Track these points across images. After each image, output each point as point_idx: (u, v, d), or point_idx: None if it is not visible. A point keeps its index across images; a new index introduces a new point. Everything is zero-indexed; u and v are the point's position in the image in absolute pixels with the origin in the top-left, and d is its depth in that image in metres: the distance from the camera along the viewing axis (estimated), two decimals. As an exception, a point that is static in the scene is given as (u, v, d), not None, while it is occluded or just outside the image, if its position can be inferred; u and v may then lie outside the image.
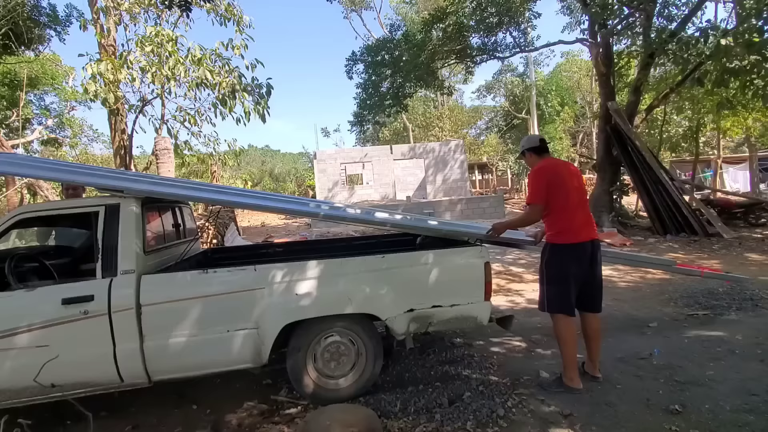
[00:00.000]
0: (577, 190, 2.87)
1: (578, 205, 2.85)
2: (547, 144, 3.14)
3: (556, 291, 2.81)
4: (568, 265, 2.77)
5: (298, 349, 2.70)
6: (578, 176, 2.95)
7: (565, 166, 2.97)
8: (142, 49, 6.93)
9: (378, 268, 2.79)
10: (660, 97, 11.23)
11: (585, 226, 2.85)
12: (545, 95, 27.58)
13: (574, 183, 2.88)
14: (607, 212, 10.88)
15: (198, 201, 3.03)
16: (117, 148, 8.39)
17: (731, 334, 3.58)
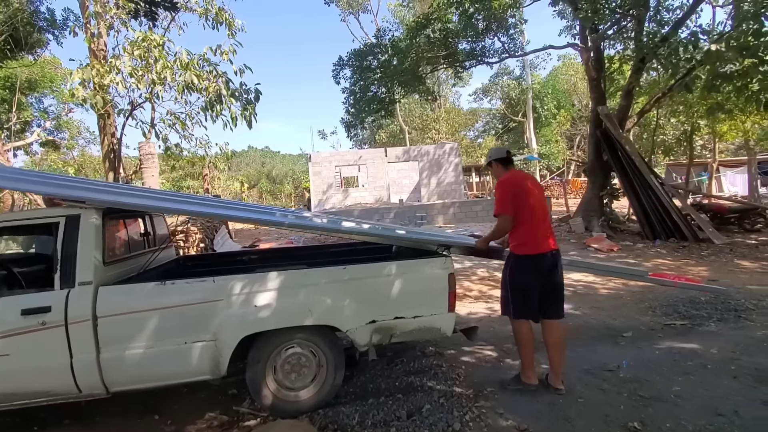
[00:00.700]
0: (540, 204, 2.98)
1: (541, 218, 2.95)
2: (512, 156, 3.27)
3: (518, 299, 2.93)
4: (530, 275, 2.89)
5: (257, 361, 2.69)
6: (541, 190, 3.06)
7: (530, 180, 3.07)
8: (131, 54, 6.94)
9: (340, 279, 2.78)
10: (652, 101, 11.23)
11: (547, 237, 2.95)
12: (542, 98, 27.63)
13: (538, 196, 2.99)
14: (597, 216, 10.87)
15: (160, 211, 3.02)
16: (106, 151, 8.39)
17: (706, 347, 3.56)
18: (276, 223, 2.91)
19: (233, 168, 50.25)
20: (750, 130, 13.74)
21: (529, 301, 2.90)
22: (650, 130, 13.67)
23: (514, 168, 3.18)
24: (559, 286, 2.96)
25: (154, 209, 2.70)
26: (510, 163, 3.17)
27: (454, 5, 8.94)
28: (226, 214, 2.87)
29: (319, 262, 3.82)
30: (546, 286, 2.90)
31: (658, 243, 9.22)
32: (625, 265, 7.30)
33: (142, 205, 2.66)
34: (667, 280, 3.98)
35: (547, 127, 29.67)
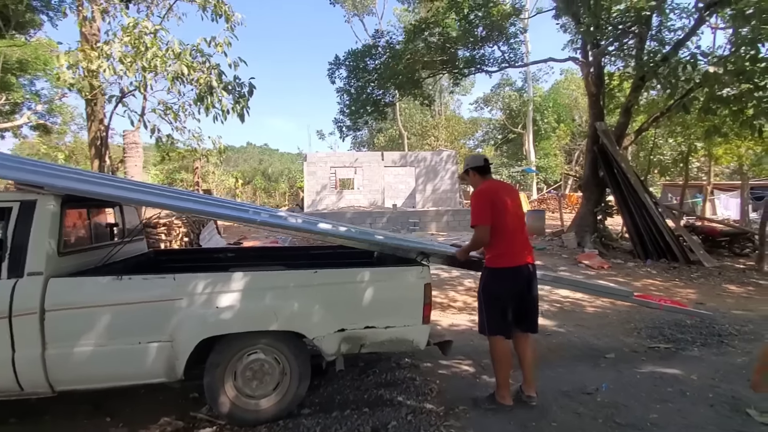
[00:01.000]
0: (516, 214, 2.88)
1: (517, 228, 2.85)
2: (491, 165, 3.16)
3: (494, 314, 2.81)
4: (506, 289, 2.80)
5: (216, 366, 2.54)
6: (517, 200, 2.96)
7: (506, 189, 2.97)
8: (121, 40, 6.80)
9: (309, 284, 2.64)
10: (650, 120, 11.19)
11: (523, 249, 2.85)
12: (542, 111, 27.69)
13: (513, 207, 2.88)
14: (590, 233, 10.78)
15: (124, 201, 2.87)
16: (93, 138, 8.22)
17: (687, 373, 3.44)
18: (247, 220, 2.77)
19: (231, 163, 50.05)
20: (744, 155, 13.76)
21: (506, 316, 2.80)
22: (647, 149, 13.66)
23: (491, 177, 3.06)
24: (535, 300, 2.89)
25: (110, 197, 2.54)
26: (487, 172, 3.03)
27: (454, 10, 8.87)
28: (188, 207, 2.72)
29: (299, 264, 3.69)
30: (522, 300, 2.81)
31: (650, 263, 9.14)
32: (614, 283, 7.21)
33: (99, 193, 2.50)
34: (652, 302, 3.87)
35: (546, 141, 29.73)
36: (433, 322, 5.00)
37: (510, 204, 2.84)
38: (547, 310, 5.51)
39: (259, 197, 25.33)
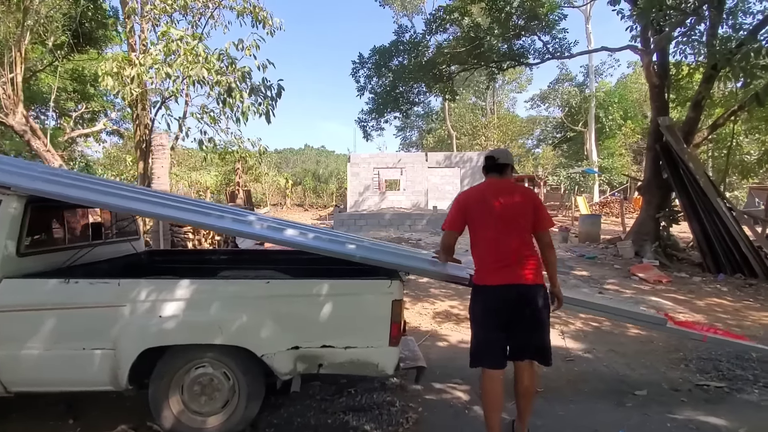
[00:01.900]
0: (507, 221, 2.36)
1: (503, 239, 2.35)
2: (497, 162, 2.52)
3: (476, 341, 2.40)
4: (484, 311, 2.36)
5: (160, 377, 2.39)
6: (515, 204, 2.38)
7: (500, 191, 2.43)
8: (153, 48, 7.13)
9: (260, 295, 2.41)
10: (726, 114, 9.74)
11: (511, 265, 2.32)
12: (606, 107, 25.53)
13: (508, 212, 2.36)
14: (651, 241, 9.59)
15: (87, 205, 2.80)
16: (138, 141, 8.72)
17: (736, 425, 2.74)
18: (206, 225, 2.59)
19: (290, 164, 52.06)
20: None
21: (490, 344, 2.33)
22: (725, 147, 11.95)
23: (494, 176, 2.53)
24: (537, 326, 2.33)
25: (82, 202, 2.48)
26: (491, 171, 2.53)
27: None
28: (137, 208, 2.59)
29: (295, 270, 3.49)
30: (515, 328, 2.31)
31: (722, 278, 7.90)
32: (671, 301, 6.27)
33: (70, 197, 2.45)
34: (694, 332, 3.16)
35: (611, 139, 27.44)
36: (441, 335, 4.63)
37: (498, 208, 2.35)
38: (578, 329, 4.87)
39: (308, 197, 25.94)
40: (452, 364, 3.78)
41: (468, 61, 9.28)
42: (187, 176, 25.04)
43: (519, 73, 28.93)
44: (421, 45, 9.53)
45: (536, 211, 2.37)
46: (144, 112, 8.88)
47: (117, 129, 20.32)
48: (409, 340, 3.12)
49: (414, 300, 5.98)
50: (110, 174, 20.28)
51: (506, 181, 2.51)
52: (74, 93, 17.25)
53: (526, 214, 2.36)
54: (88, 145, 20.13)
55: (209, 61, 6.74)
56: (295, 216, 21.94)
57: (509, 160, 2.55)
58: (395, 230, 14.56)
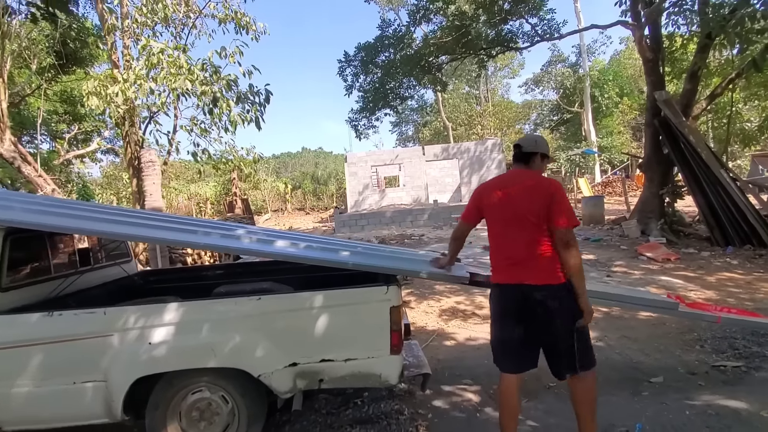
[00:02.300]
0: (508, 217, 2.20)
1: (506, 235, 2.22)
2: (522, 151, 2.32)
3: (493, 342, 2.32)
4: (495, 310, 2.30)
5: (156, 406, 2.30)
6: (520, 197, 2.18)
7: (510, 184, 2.25)
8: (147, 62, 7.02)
9: (251, 313, 2.31)
10: (724, 83, 9.54)
11: (513, 264, 2.19)
12: (601, 86, 25.24)
13: (511, 206, 2.19)
14: (656, 219, 9.44)
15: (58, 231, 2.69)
16: (129, 159, 8.64)
17: (756, 407, 2.63)
18: (186, 243, 2.50)
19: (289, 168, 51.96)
20: None
21: (504, 345, 2.23)
22: (724, 116, 11.74)
23: (520, 166, 2.33)
24: (548, 329, 2.13)
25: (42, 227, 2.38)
26: (517, 161, 2.35)
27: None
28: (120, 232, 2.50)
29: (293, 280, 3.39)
30: (531, 328, 2.15)
31: (730, 251, 7.75)
32: (682, 279, 6.14)
33: (32, 223, 2.36)
34: (707, 313, 3.04)
35: (608, 118, 27.14)
36: (449, 334, 4.52)
37: (508, 201, 2.19)
38: (588, 316, 4.75)
39: (308, 200, 25.86)
40: (461, 363, 3.69)
41: (456, 50, 9.10)
42: (186, 189, 25.03)
43: (511, 58, 28.68)
44: (406, 37, 9.38)
45: (552, 205, 2.09)
46: (133, 129, 8.80)
47: (112, 147, 20.28)
48: (413, 345, 3.02)
49: (419, 298, 5.89)
50: (108, 193, 20.24)
51: (528, 172, 2.29)
52: (65, 114, 17.21)
53: (539, 208, 2.11)
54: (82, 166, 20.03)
55: (192, 72, 6.63)
56: (297, 220, 21.88)
57: (538, 148, 2.31)
58: (397, 227, 14.46)
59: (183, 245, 2.45)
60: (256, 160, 11.02)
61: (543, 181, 2.22)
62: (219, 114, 6.56)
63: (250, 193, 24.65)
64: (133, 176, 8.59)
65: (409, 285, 6.52)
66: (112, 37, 8.24)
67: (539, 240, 2.13)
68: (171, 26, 9.87)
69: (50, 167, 18.20)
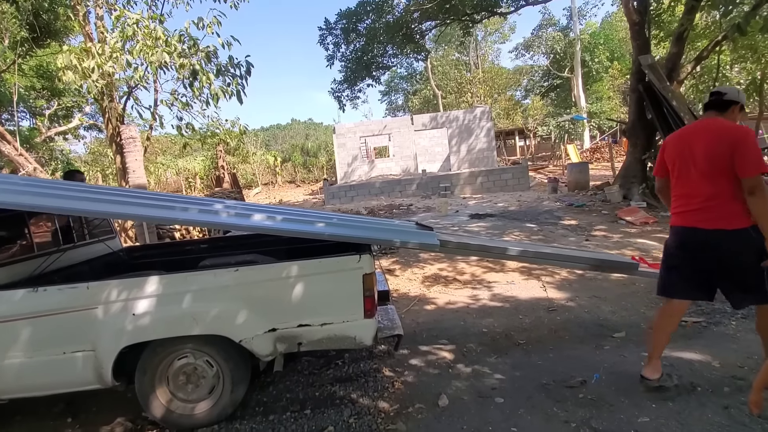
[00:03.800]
0: (691, 162, 2.33)
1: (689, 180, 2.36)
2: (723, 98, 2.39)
3: (661, 274, 2.60)
4: (668, 250, 2.57)
5: (144, 372, 2.45)
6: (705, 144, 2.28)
7: (697, 130, 2.37)
8: (121, 34, 6.81)
9: (230, 284, 2.43)
10: (710, 46, 9.50)
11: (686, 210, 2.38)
12: (591, 50, 24.88)
13: (690, 152, 2.34)
14: (639, 184, 9.64)
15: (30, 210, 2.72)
16: (111, 135, 8.51)
17: (710, 357, 2.85)
18: (167, 220, 2.58)
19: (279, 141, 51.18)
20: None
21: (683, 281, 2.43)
22: (711, 80, 11.73)
23: (711, 114, 2.39)
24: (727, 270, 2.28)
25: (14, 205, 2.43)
26: (709, 108, 2.42)
27: None
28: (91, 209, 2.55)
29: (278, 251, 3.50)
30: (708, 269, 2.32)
31: (708, 213, 7.98)
32: (657, 242, 6.36)
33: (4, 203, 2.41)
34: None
35: (598, 83, 26.91)
36: (430, 299, 4.72)
37: (688, 148, 2.34)
38: (563, 279, 4.97)
39: (299, 173, 25.71)
40: (439, 325, 3.88)
41: (439, 16, 8.88)
42: (174, 164, 24.70)
43: (501, 22, 27.99)
44: (387, 4, 9.13)
45: (734, 154, 2.15)
46: (112, 104, 8.62)
47: (94, 123, 19.81)
48: (389, 309, 3.17)
49: (404, 266, 6.06)
50: (94, 170, 19.95)
51: (719, 120, 2.32)
52: (43, 90, 16.71)
53: (720, 155, 2.20)
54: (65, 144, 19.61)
55: (170, 44, 6.45)
56: (288, 193, 21.85)
57: (739, 99, 2.38)
58: (386, 197, 14.55)
59: (160, 222, 2.52)
60: (242, 132, 10.88)
61: (734, 127, 2.25)
62: (200, 87, 6.45)
63: (239, 167, 24.43)
64: (116, 153, 8.48)
65: (394, 254, 6.69)
66: (84, 8, 7.93)
67: (725, 185, 2.23)
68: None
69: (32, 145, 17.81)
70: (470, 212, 10.51)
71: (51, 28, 12.80)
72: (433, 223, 8.69)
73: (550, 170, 19.71)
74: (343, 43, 10.27)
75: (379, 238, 2.71)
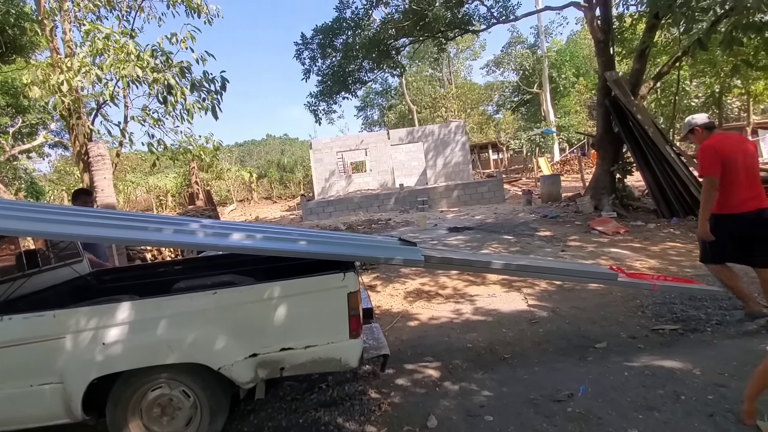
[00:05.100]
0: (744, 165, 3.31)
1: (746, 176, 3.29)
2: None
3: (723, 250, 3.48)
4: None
5: (115, 404, 2.29)
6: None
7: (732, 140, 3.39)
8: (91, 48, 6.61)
9: (207, 307, 2.32)
10: (671, 62, 10.03)
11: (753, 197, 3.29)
12: (558, 66, 25.90)
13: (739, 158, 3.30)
14: (608, 194, 9.96)
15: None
16: (78, 152, 8.20)
17: (690, 365, 2.89)
18: (139, 241, 2.45)
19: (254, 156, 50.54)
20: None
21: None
22: (671, 94, 12.38)
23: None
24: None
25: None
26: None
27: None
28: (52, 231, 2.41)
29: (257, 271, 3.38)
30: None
31: (675, 222, 8.31)
32: (629, 250, 6.56)
33: None
34: (644, 281, 3.31)
35: (566, 98, 27.97)
36: (413, 314, 4.67)
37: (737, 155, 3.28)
38: (543, 290, 5.02)
39: (275, 189, 25.39)
40: (423, 342, 3.83)
41: (414, 32, 9.07)
42: (144, 182, 23.95)
43: (472, 40, 28.84)
44: (364, 21, 9.26)
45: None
46: (80, 120, 8.32)
47: (60, 141, 19.06)
48: (374, 327, 3.11)
49: (385, 282, 6.00)
50: (59, 189, 19.10)
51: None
52: (8, 107, 15.96)
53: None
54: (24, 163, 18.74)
55: (142, 59, 6.31)
56: (264, 210, 21.51)
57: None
58: (365, 212, 14.52)
59: (132, 243, 2.40)
60: (216, 149, 10.69)
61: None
62: (173, 103, 6.30)
63: (213, 184, 23.93)
64: (83, 171, 8.15)
65: (375, 269, 6.63)
66: (51, 22, 7.69)
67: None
68: (116, 10, 9.33)
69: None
70: (449, 226, 10.59)
71: (17, 43, 12.30)
72: (413, 237, 8.70)
73: (523, 182, 20.18)
74: (320, 57, 10.32)
75: (364, 255, 2.67)
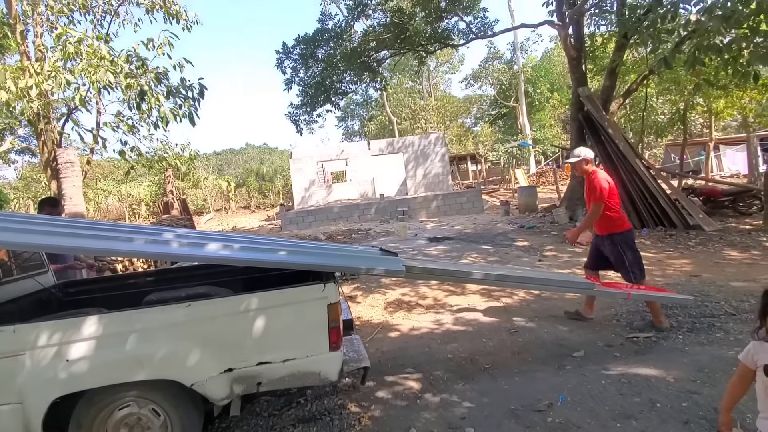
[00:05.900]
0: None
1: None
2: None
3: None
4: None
5: (78, 426, 2.16)
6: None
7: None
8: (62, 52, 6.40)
9: (180, 321, 2.23)
10: (639, 79, 10.49)
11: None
12: (534, 82, 26.70)
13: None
14: (582, 205, 10.21)
15: None
16: (47, 159, 7.88)
17: (664, 372, 2.96)
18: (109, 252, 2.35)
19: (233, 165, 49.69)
20: (747, 106, 12.92)
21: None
22: (640, 110, 12.92)
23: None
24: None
25: None
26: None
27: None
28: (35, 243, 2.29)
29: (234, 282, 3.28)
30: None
31: (645, 232, 8.59)
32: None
33: None
34: (619, 291, 3.39)
35: (541, 112, 28.78)
36: (393, 325, 4.63)
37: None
38: (522, 300, 5.07)
39: (254, 198, 25.02)
40: (403, 353, 3.79)
41: (395, 45, 9.22)
42: (116, 190, 23.18)
43: (451, 54, 29.49)
44: (346, 33, 9.35)
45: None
46: (49, 126, 8.02)
47: (27, 147, 18.29)
48: (354, 339, 3.06)
49: (365, 292, 5.95)
50: (26, 197, 18.29)
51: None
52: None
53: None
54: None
55: (115, 64, 6.14)
56: (242, 219, 21.14)
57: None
58: (345, 222, 14.45)
59: (99, 253, 2.29)
60: (192, 157, 10.47)
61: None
62: (148, 109, 6.14)
63: (189, 193, 23.40)
64: (51, 178, 7.82)
65: (355, 279, 6.57)
66: (22, 25, 7.43)
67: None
68: (90, 14, 9.11)
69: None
70: (429, 236, 10.64)
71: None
72: (393, 247, 8.68)
73: (501, 193, 20.55)
74: (302, 67, 10.32)
75: (344, 265, 2.63)
